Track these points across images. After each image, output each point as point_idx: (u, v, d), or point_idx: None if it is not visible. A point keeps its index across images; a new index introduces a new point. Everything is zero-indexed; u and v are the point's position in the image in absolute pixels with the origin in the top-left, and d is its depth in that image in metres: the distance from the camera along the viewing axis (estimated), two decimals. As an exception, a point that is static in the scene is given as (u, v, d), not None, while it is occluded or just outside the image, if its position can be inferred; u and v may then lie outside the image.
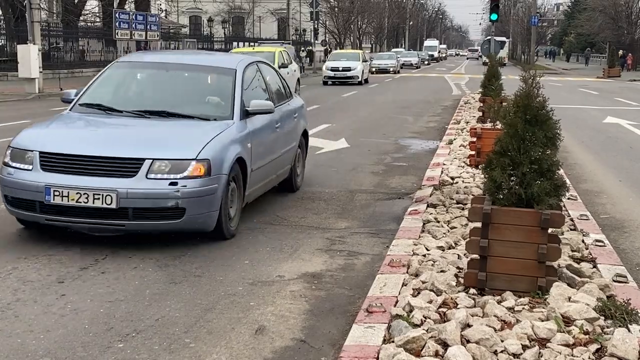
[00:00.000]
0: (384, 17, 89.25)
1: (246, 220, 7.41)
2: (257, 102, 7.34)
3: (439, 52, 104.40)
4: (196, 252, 6.27)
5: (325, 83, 35.73)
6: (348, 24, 75.12)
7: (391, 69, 50.86)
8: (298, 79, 24.78)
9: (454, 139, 13.34)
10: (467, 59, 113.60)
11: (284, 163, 8.27)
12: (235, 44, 60.77)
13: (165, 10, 59.17)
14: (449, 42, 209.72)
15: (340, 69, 35.95)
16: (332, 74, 36.05)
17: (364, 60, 38.03)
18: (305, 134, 9.27)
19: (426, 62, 79.22)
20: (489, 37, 33.42)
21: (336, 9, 73.96)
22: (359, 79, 35.67)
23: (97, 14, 42.49)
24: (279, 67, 19.85)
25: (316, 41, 65.58)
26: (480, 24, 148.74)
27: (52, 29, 37.10)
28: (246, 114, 7.19)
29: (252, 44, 44.35)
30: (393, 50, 75.24)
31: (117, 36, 31.16)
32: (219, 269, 5.86)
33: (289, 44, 44.18)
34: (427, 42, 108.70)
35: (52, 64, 34.00)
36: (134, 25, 31.74)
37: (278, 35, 76.33)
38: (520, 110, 4.91)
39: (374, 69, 48.54)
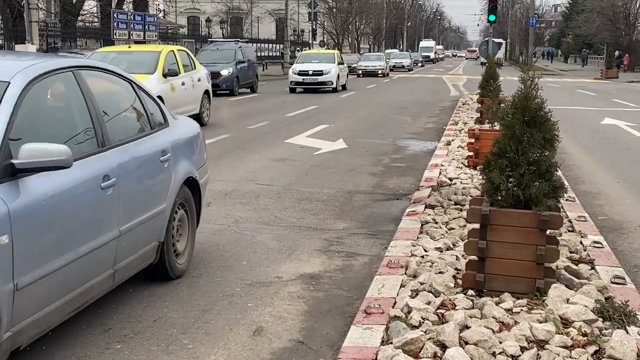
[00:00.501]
0: (382, 17, 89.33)
1: (244, 221, 7.43)
2: (36, 147, 3.72)
3: (435, 53, 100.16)
4: (194, 253, 6.26)
5: (292, 90, 29.77)
6: (346, 24, 75.17)
7: (379, 72, 45.91)
8: (207, 92, 17.15)
9: (452, 140, 13.35)
10: (467, 59, 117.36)
11: (137, 243, 4.87)
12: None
13: (164, 10, 59.07)
14: (447, 42, 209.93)
15: (310, 72, 29.95)
16: (300, 78, 29.96)
17: (340, 63, 31.84)
18: (194, 185, 5.77)
19: (420, 64, 74.67)
20: (487, 39, 33.46)
21: (334, 9, 74.01)
22: (333, 85, 29.99)
23: (95, 14, 42.44)
24: (164, 76, 14.90)
25: (314, 42, 65.59)
26: (478, 24, 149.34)
27: (50, 29, 37.07)
28: (11, 172, 3.65)
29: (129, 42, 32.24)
30: (387, 50, 71.39)
31: (115, 36, 31.11)
32: (216, 269, 5.85)
33: (247, 41, 40.51)
34: (423, 43, 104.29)
35: (50, 64, 34.19)
36: (132, 26, 31.71)
37: (276, 35, 76.31)
38: (518, 111, 4.92)
39: (360, 72, 44.99)
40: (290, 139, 14.30)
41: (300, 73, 30.19)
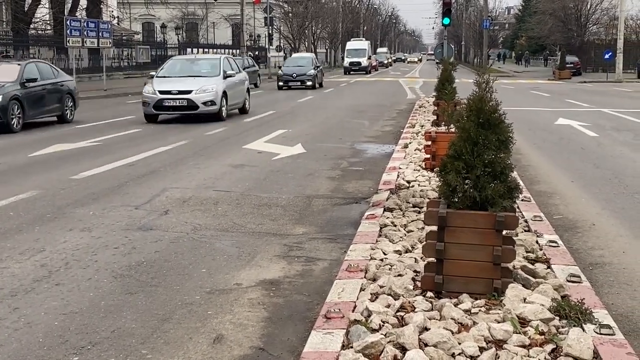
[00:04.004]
0: (338, 22, 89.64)
1: (203, 228, 7.38)
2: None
3: (369, 57, 69.22)
4: (152, 261, 6.21)
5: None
6: (302, 29, 75.28)
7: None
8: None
9: (410, 143, 13.43)
10: (427, 60, 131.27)
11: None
12: (189, 50, 60.38)
13: (118, 17, 58.51)
14: (402, 46, 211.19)
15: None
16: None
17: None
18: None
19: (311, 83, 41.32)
20: (442, 42, 33.87)
21: (290, 14, 74.09)
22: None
23: (48, 22, 41.87)
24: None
25: (271, 46, 65.51)
26: (433, 28, 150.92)
27: (1, 37, 36.54)
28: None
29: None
30: (297, 54, 48.79)
31: (68, 44, 30.73)
32: (175, 278, 5.80)
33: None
34: (351, 44, 70.85)
35: (2, 72, 33.88)
36: (85, 33, 31.35)
37: (232, 40, 76.06)
38: (473, 114, 4.96)
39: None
40: (248, 144, 14.27)
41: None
